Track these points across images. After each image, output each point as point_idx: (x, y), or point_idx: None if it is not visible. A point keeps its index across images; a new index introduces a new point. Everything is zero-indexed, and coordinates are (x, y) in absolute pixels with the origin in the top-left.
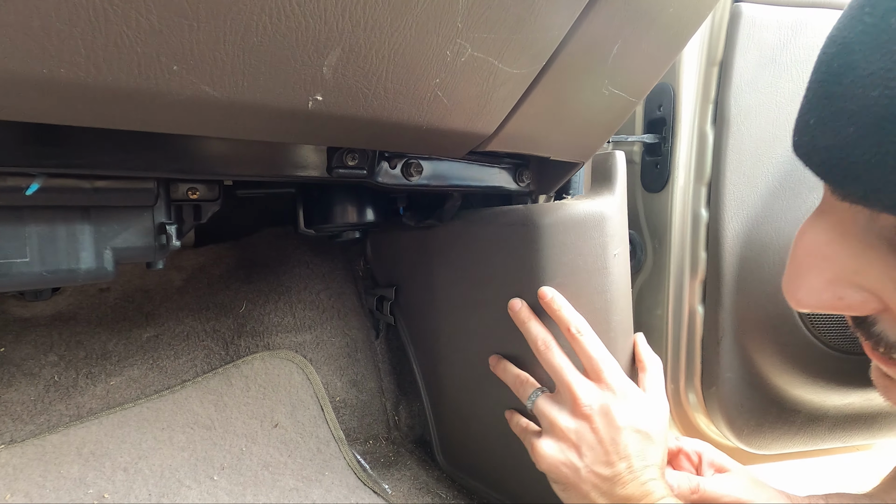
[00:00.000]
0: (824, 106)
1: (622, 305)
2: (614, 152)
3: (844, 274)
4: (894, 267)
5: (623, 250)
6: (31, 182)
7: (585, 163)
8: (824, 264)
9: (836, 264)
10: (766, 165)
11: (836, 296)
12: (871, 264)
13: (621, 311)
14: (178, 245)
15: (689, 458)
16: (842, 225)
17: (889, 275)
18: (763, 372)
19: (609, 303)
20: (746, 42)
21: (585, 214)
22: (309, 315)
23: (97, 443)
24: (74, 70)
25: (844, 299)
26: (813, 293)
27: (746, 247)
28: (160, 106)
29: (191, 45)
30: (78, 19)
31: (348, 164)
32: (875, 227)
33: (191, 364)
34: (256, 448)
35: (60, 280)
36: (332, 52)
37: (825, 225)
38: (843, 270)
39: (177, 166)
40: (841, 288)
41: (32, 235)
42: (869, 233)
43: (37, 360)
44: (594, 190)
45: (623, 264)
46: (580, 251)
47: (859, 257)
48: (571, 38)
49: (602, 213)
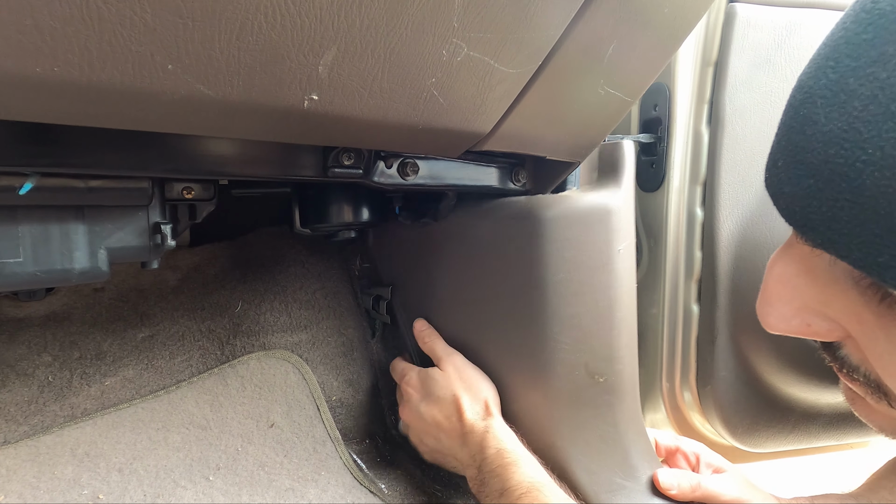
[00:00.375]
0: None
1: (626, 302)
2: (622, 142)
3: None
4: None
5: (629, 245)
6: (24, 181)
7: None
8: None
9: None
10: (761, 165)
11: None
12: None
13: (625, 308)
14: (173, 245)
15: (687, 458)
16: (808, 260)
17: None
18: (758, 370)
19: (613, 300)
20: (741, 42)
21: (590, 207)
22: (305, 315)
23: (92, 443)
24: (68, 69)
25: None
26: (783, 319)
27: (741, 246)
28: (155, 105)
29: (185, 43)
30: (71, 18)
31: (344, 163)
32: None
33: (186, 364)
34: (252, 448)
35: (54, 280)
36: (328, 52)
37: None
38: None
39: (172, 166)
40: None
41: (26, 235)
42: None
43: (30, 360)
44: (600, 182)
45: (628, 259)
46: (584, 246)
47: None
48: (567, 37)
49: (607, 206)
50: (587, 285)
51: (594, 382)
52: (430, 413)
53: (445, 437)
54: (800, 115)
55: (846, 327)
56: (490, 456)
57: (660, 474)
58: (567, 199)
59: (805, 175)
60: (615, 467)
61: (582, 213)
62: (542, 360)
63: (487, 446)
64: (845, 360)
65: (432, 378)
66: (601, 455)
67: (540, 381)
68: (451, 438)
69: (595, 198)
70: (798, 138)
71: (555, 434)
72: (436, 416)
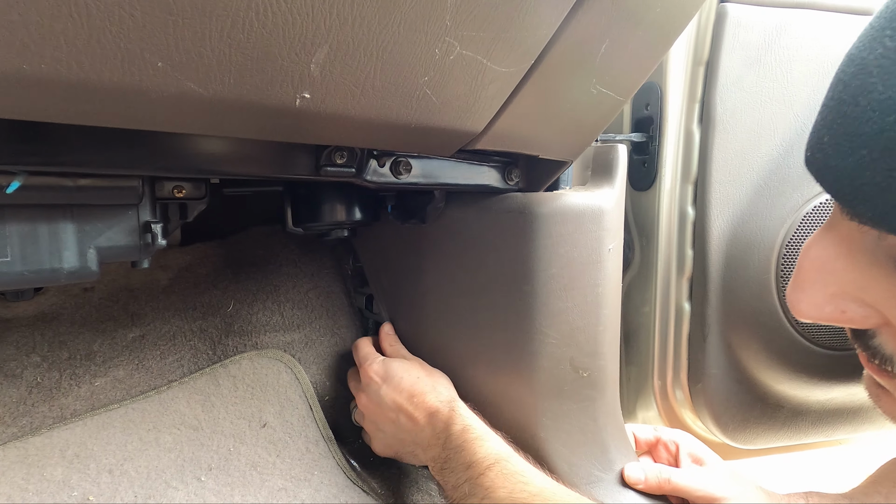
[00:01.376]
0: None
1: (612, 300)
2: (616, 145)
3: (849, 289)
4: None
5: (618, 245)
6: (11, 180)
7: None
8: (830, 278)
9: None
10: (752, 164)
11: (838, 309)
12: (875, 281)
13: (610, 306)
14: (164, 244)
15: (667, 447)
16: (849, 241)
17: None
18: (748, 368)
19: (600, 296)
20: (732, 42)
21: (584, 206)
22: (297, 314)
23: (81, 444)
24: (56, 66)
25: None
26: (816, 306)
27: (732, 244)
28: (145, 103)
29: (175, 41)
30: (59, 14)
31: (337, 162)
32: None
33: (177, 364)
34: (244, 448)
35: (43, 280)
36: (320, 50)
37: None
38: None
39: (162, 164)
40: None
41: (13, 234)
42: (876, 251)
43: (19, 361)
44: (593, 182)
45: (616, 259)
46: (576, 243)
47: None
48: (559, 36)
49: (600, 206)
50: (577, 281)
51: (578, 377)
52: (391, 397)
53: (406, 419)
54: (852, 87)
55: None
56: (455, 432)
57: (627, 468)
58: (562, 196)
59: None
60: (594, 460)
61: (576, 211)
62: (529, 353)
63: (453, 423)
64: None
65: (396, 365)
66: (581, 447)
67: (525, 374)
68: (412, 421)
69: (589, 197)
70: (850, 110)
71: (537, 425)
72: (397, 400)
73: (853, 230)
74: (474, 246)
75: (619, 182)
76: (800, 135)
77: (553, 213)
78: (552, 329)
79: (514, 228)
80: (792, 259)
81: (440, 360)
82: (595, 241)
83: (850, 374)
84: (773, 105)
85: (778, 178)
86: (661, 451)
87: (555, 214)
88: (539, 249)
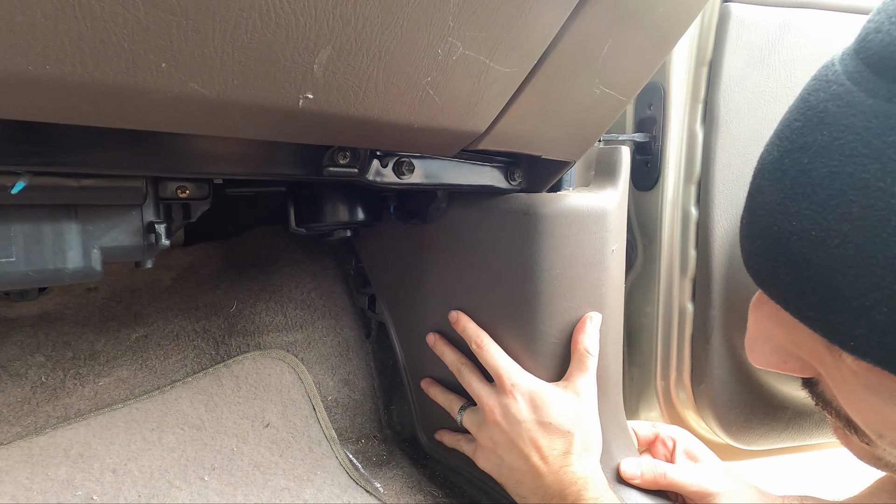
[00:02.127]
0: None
1: (615, 301)
2: (620, 147)
3: (783, 344)
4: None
5: (621, 246)
6: (16, 181)
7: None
8: (767, 335)
9: (776, 336)
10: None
11: (781, 360)
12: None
13: (613, 307)
14: (167, 244)
15: (665, 443)
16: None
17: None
18: (752, 368)
19: (603, 297)
20: (735, 42)
21: (587, 207)
22: (300, 314)
23: (85, 444)
24: (60, 67)
25: (787, 364)
26: (763, 357)
27: (735, 245)
28: (148, 103)
29: (179, 42)
30: (63, 15)
31: (340, 162)
32: None
33: (181, 364)
34: (247, 448)
35: (47, 280)
36: (323, 50)
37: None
38: (782, 342)
39: (166, 165)
40: (783, 355)
41: (18, 235)
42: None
43: (23, 360)
44: (596, 183)
45: (619, 260)
46: (579, 244)
47: (792, 333)
48: (562, 36)
49: (603, 207)
50: (580, 282)
51: None
52: (532, 434)
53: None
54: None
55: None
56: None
57: (623, 464)
58: (566, 197)
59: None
60: None
61: (579, 213)
62: (532, 353)
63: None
64: (821, 396)
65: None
66: None
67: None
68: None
69: (592, 198)
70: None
71: None
72: (538, 441)
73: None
74: (477, 246)
75: (623, 183)
76: None
77: (556, 215)
78: (555, 329)
79: (517, 229)
80: None
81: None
82: (598, 242)
83: None
84: (776, 105)
85: None
86: (658, 447)
87: (558, 215)
88: (542, 250)
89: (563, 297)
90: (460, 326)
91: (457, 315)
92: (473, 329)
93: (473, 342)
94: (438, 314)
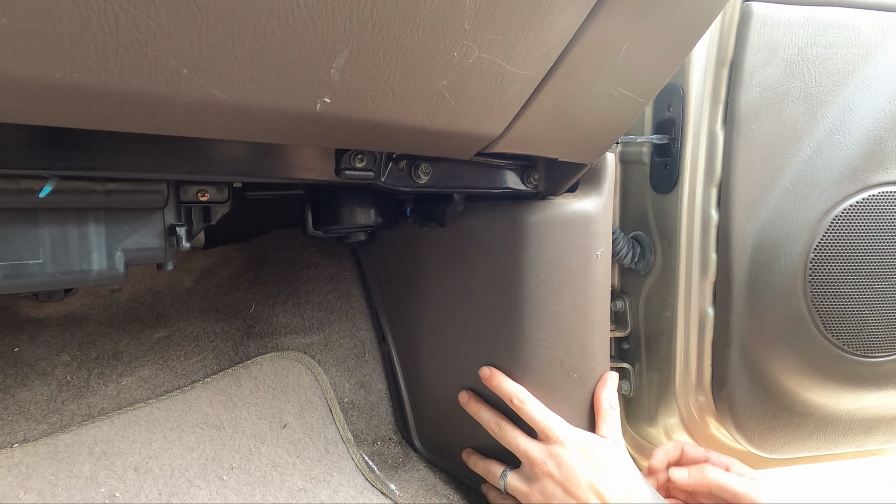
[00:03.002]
0: None
1: (601, 303)
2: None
3: None
4: None
5: (606, 250)
6: (44, 184)
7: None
8: None
9: None
10: (777, 166)
11: None
12: None
13: (599, 309)
14: (188, 246)
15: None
16: None
17: None
18: (774, 375)
19: (589, 300)
20: (757, 41)
21: (572, 214)
22: (317, 316)
23: (108, 442)
24: (86, 74)
25: None
26: None
27: (757, 248)
28: (170, 109)
29: (200, 49)
30: (89, 24)
31: (356, 165)
32: None
33: (201, 364)
34: (265, 448)
35: (73, 281)
36: (340, 55)
37: None
38: None
39: (187, 168)
40: None
41: (45, 237)
42: None
43: (49, 360)
44: (582, 190)
45: (605, 264)
46: (564, 249)
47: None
48: (579, 38)
49: (588, 213)
50: (566, 286)
51: (569, 378)
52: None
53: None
54: None
55: None
56: None
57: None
58: (551, 205)
59: None
60: None
61: (565, 219)
62: (521, 356)
63: None
64: None
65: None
66: None
67: (518, 376)
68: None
69: (577, 205)
70: None
71: None
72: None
73: None
74: (468, 253)
75: (607, 189)
76: (828, 136)
77: (542, 221)
78: (543, 332)
79: (505, 235)
80: (822, 263)
81: (436, 364)
82: (583, 247)
83: (883, 382)
84: (799, 105)
85: (805, 180)
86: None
87: (544, 222)
88: (529, 256)
89: (550, 302)
90: (494, 383)
91: (489, 371)
92: (510, 385)
93: (514, 398)
94: (432, 319)
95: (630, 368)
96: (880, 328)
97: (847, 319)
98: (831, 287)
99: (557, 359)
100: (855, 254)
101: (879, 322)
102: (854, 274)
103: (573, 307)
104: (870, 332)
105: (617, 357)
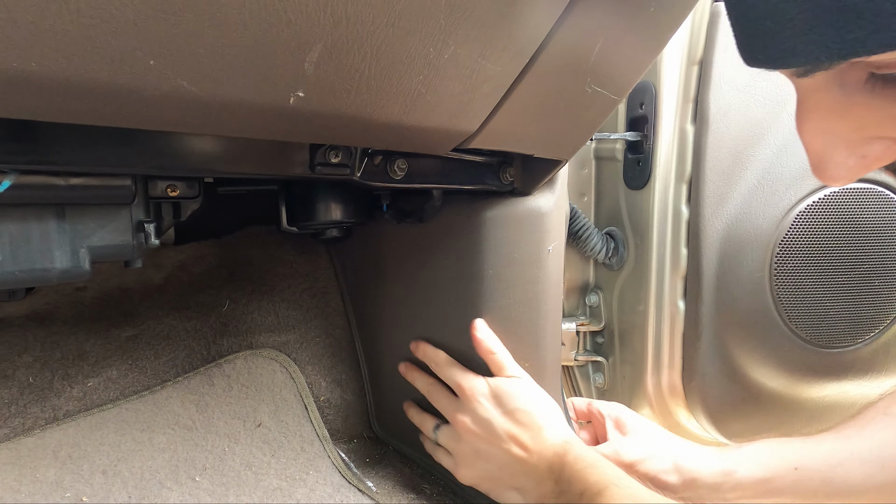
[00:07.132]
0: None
1: (553, 294)
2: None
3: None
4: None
5: (559, 245)
6: (2, 179)
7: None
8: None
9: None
10: (745, 163)
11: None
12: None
13: (552, 300)
14: (157, 243)
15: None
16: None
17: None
18: (742, 366)
19: (540, 293)
20: (726, 41)
21: (525, 210)
22: (292, 314)
23: (75, 445)
24: (45, 64)
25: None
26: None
27: (726, 243)
28: (137, 101)
29: (168, 39)
30: (47, 11)
31: (331, 161)
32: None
33: (171, 364)
34: (239, 448)
35: (34, 280)
36: (314, 48)
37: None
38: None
39: (155, 163)
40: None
41: (4, 234)
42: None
43: (11, 361)
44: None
45: (557, 258)
46: (517, 244)
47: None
48: (554, 35)
49: (541, 209)
50: (519, 279)
51: (521, 367)
52: (504, 426)
53: (520, 450)
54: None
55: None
56: (569, 462)
57: None
58: (505, 202)
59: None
60: None
61: (517, 215)
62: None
63: (567, 454)
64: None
65: (511, 389)
66: None
67: (473, 364)
68: (526, 452)
69: (530, 202)
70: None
71: None
72: (512, 430)
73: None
74: (428, 248)
75: (560, 186)
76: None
77: (497, 217)
78: (496, 323)
79: (462, 230)
80: (787, 258)
81: (396, 352)
82: (535, 242)
83: (843, 372)
84: (766, 104)
85: (771, 176)
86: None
87: (499, 218)
88: (483, 251)
89: (504, 294)
90: (420, 353)
91: (416, 344)
92: (431, 351)
93: (432, 363)
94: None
95: (604, 362)
96: (840, 321)
97: (809, 312)
98: (795, 281)
99: (510, 348)
100: (816, 248)
101: (839, 315)
102: (816, 268)
103: (525, 300)
104: (830, 325)
105: (591, 351)
